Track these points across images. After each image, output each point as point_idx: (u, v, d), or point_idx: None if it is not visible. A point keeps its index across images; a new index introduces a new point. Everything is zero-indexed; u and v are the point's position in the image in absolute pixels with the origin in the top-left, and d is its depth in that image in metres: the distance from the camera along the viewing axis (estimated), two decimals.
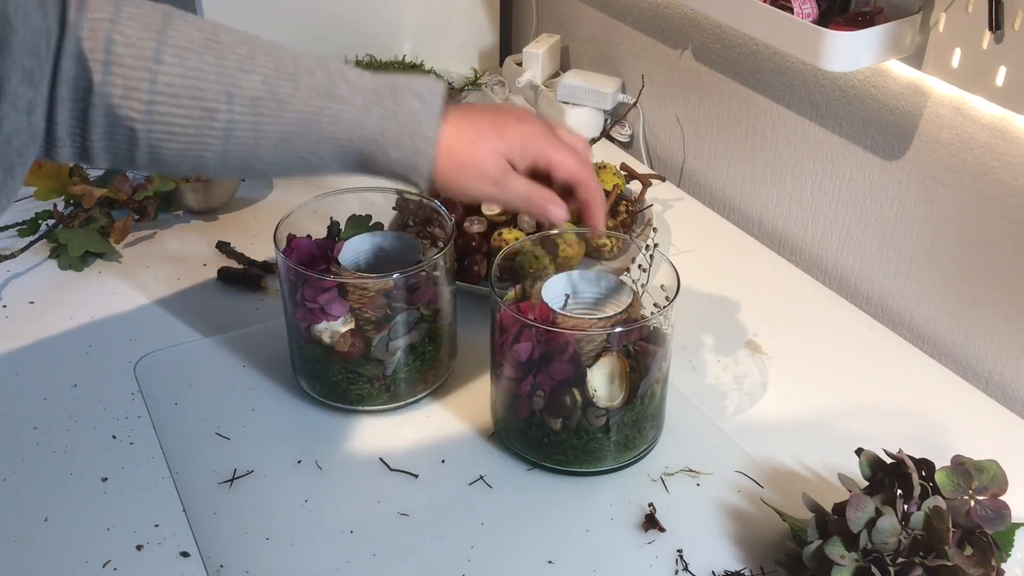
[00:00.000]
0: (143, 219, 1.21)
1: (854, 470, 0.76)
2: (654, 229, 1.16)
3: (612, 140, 1.47)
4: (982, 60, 0.89)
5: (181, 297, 1.09)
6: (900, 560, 0.70)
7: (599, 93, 1.43)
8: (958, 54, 0.91)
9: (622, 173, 1.23)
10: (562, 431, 0.84)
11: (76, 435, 0.90)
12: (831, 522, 0.73)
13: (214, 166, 0.72)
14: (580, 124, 1.45)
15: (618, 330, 0.83)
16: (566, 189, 0.79)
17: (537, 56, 1.51)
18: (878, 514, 0.70)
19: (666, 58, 1.37)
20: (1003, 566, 0.72)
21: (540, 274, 0.89)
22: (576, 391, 0.83)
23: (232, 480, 0.86)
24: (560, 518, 0.83)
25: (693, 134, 1.36)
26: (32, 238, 1.16)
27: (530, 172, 0.78)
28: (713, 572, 0.78)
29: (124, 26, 0.67)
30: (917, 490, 0.72)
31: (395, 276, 0.88)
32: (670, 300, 0.84)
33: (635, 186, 1.24)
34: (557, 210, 0.78)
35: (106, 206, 1.19)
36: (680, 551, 0.80)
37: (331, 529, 0.81)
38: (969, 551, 0.71)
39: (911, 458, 0.74)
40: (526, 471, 0.88)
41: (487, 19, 1.62)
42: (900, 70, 1.02)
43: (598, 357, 0.83)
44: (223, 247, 1.17)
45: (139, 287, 1.11)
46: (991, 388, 1.01)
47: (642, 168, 1.37)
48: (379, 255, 0.96)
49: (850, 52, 0.94)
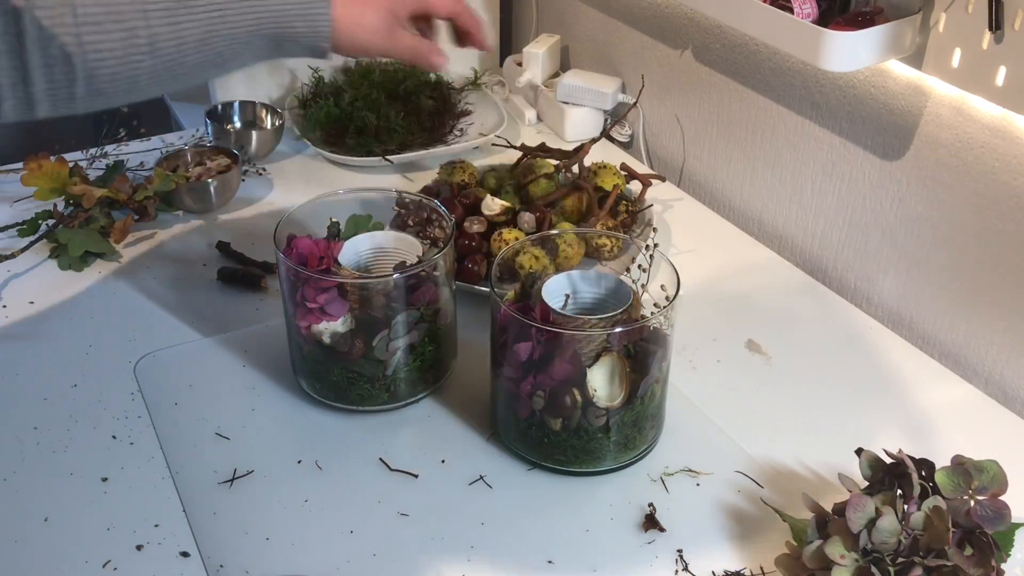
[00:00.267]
0: (143, 219, 1.21)
1: (854, 470, 0.76)
2: (654, 229, 1.16)
3: (612, 140, 1.47)
4: (982, 60, 0.89)
5: (181, 297, 1.09)
6: (900, 560, 0.70)
7: (599, 93, 1.43)
8: (958, 54, 0.91)
9: (622, 173, 1.23)
10: (562, 431, 0.84)
11: (76, 435, 0.90)
12: (831, 522, 0.73)
13: (146, 83, 0.77)
14: (580, 124, 1.45)
15: (618, 330, 0.83)
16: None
17: (537, 56, 1.51)
18: (878, 514, 0.70)
19: (666, 58, 1.37)
20: (1003, 566, 0.72)
21: (540, 274, 0.89)
22: (576, 391, 0.83)
23: (232, 480, 0.86)
24: (560, 518, 0.83)
25: (693, 134, 1.36)
26: (32, 238, 1.15)
27: (412, 19, 0.90)
28: (713, 572, 0.78)
29: None
30: (917, 490, 0.72)
31: (395, 276, 0.88)
32: (670, 300, 0.84)
33: (635, 186, 1.24)
34: (439, 58, 0.90)
35: (106, 206, 1.19)
36: (680, 551, 0.80)
37: (331, 529, 0.81)
38: (969, 551, 0.71)
39: (911, 458, 0.74)
40: (526, 471, 0.88)
41: (487, 19, 1.62)
42: (900, 70, 1.02)
43: (598, 357, 0.83)
44: (223, 247, 1.17)
45: (139, 287, 1.11)
46: (991, 388, 1.01)
47: (642, 168, 1.37)
48: (379, 255, 0.96)
49: (850, 52, 0.94)
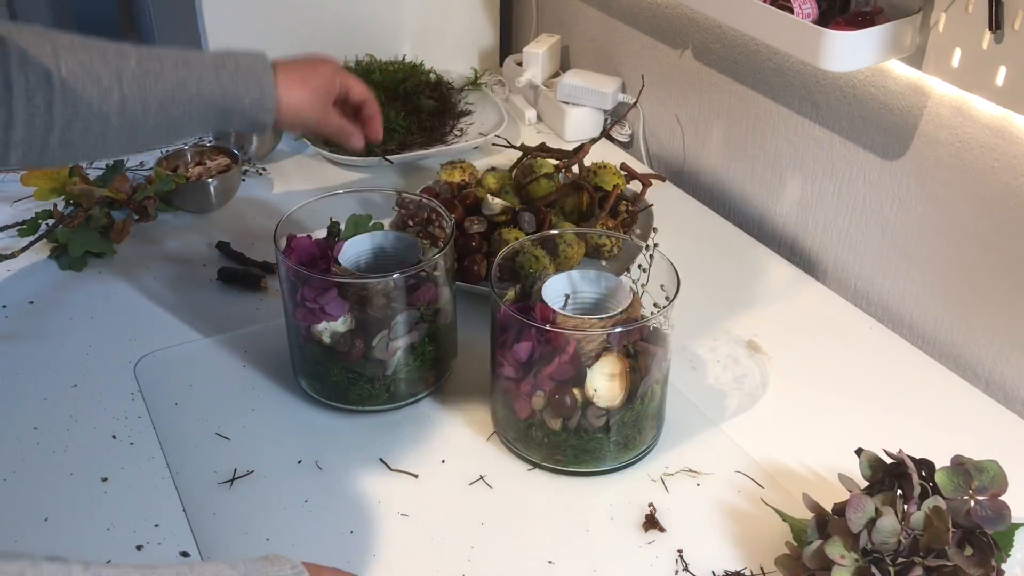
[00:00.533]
0: (143, 219, 1.21)
1: (854, 470, 0.76)
2: (654, 229, 1.16)
3: (612, 140, 1.47)
4: (982, 60, 0.89)
5: (181, 297, 1.09)
6: (900, 560, 0.70)
7: (599, 93, 1.43)
8: (958, 54, 0.91)
9: (622, 173, 1.23)
10: (562, 431, 0.84)
11: (76, 435, 0.90)
12: (831, 522, 0.73)
13: (112, 139, 0.86)
14: (580, 124, 1.45)
15: (618, 330, 0.83)
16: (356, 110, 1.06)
17: (537, 56, 1.51)
18: (878, 514, 0.70)
19: (666, 58, 1.37)
20: (1003, 566, 0.72)
21: (540, 274, 0.89)
22: (576, 391, 0.83)
23: (232, 480, 0.86)
24: (560, 518, 0.83)
25: (693, 134, 1.36)
26: (32, 238, 1.15)
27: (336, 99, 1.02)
28: (713, 572, 0.78)
29: (21, 34, 0.81)
30: (917, 490, 0.72)
31: (395, 276, 0.88)
32: (670, 300, 0.84)
33: (635, 186, 1.24)
34: (358, 141, 1.05)
35: (106, 206, 1.18)
36: (680, 551, 0.80)
37: (331, 529, 0.81)
38: (969, 551, 0.71)
39: (911, 458, 0.74)
40: (526, 471, 0.88)
41: (487, 19, 1.62)
42: (900, 70, 1.02)
43: (598, 357, 0.83)
44: (223, 247, 1.17)
45: (139, 287, 1.11)
46: (991, 388, 1.01)
47: (642, 168, 1.37)
48: (379, 255, 0.96)
49: (850, 52, 0.94)
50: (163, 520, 0.81)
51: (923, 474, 0.73)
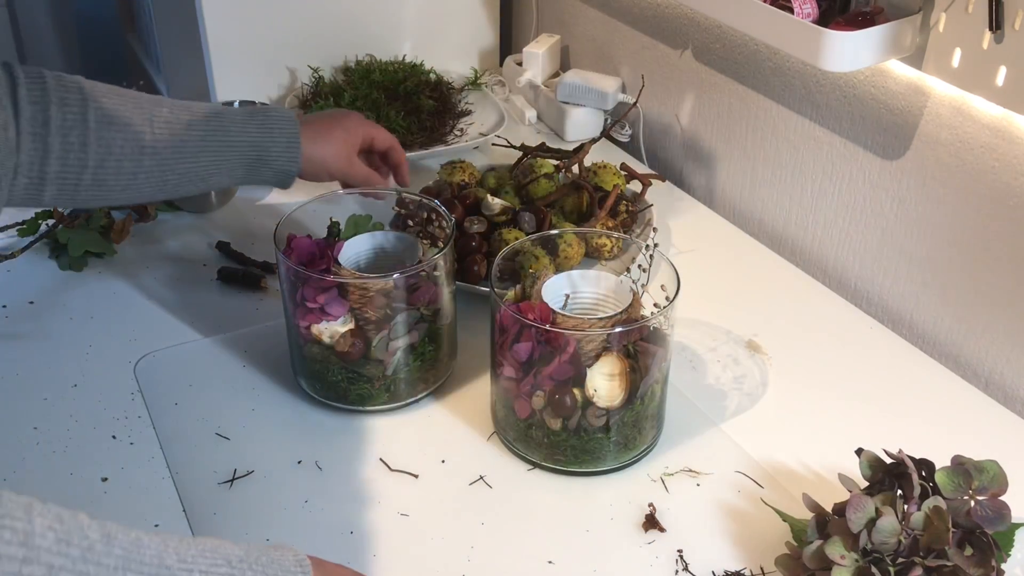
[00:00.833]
0: (143, 219, 1.21)
1: (854, 470, 0.76)
2: (654, 229, 1.16)
3: (612, 140, 1.47)
4: (982, 60, 0.89)
5: (181, 297, 1.09)
6: (900, 560, 0.70)
7: (599, 93, 1.43)
8: (958, 54, 0.91)
9: (622, 173, 1.23)
10: (562, 431, 0.84)
11: (76, 435, 0.90)
12: (831, 522, 0.73)
13: (143, 181, 0.88)
14: (580, 124, 1.45)
15: (618, 330, 0.83)
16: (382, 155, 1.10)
17: (537, 56, 1.51)
18: (878, 514, 0.70)
19: (666, 58, 1.37)
20: (1003, 566, 0.72)
21: (540, 274, 0.89)
22: (576, 391, 0.83)
23: (232, 480, 0.86)
24: (560, 518, 0.83)
25: (693, 134, 1.36)
26: (32, 238, 1.15)
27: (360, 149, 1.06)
28: (713, 572, 0.78)
29: (61, 80, 0.83)
30: (917, 490, 0.72)
31: (395, 276, 0.88)
32: (670, 300, 0.84)
33: (635, 186, 1.24)
34: (382, 184, 1.07)
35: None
36: (680, 551, 0.80)
37: (331, 529, 0.81)
38: (969, 551, 0.71)
39: (911, 458, 0.74)
40: (526, 471, 0.88)
41: (487, 19, 1.62)
42: (900, 70, 1.02)
43: (598, 357, 0.83)
44: (223, 247, 1.17)
45: (139, 287, 1.11)
46: (991, 388, 1.01)
47: (642, 168, 1.37)
48: (379, 255, 0.96)
49: (850, 52, 0.94)
50: (163, 520, 0.81)
51: (923, 474, 0.73)
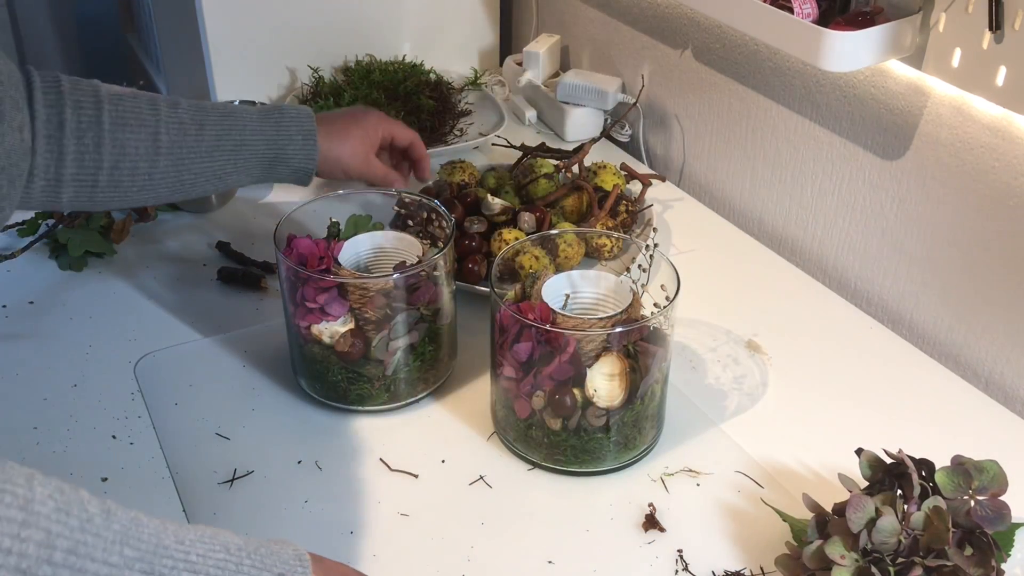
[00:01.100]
0: (143, 219, 1.21)
1: (854, 470, 0.76)
2: (654, 229, 1.16)
3: (612, 140, 1.47)
4: (982, 60, 0.89)
5: (181, 297, 1.09)
6: (900, 560, 0.70)
7: (599, 93, 1.43)
8: (958, 54, 0.91)
9: (622, 173, 1.23)
10: (562, 431, 0.84)
11: (76, 435, 0.90)
12: (831, 522, 0.73)
13: (157, 182, 0.88)
14: (580, 124, 1.45)
15: (618, 330, 0.83)
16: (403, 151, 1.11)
17: (537, 56, 1.51)
18: (878, 514, 0.70)
19: (666, 58, 1.37)
20: (1003, 566, 0.72)
21: (540, 274, 0.89)
22: (576, 391, 0.83)
23: (232, 480, 0.86)
24: (560, 518, 0.83)
25: (693, 134, 1.36)
26: (32, 238, 1.16)
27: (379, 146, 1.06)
28: (713, 572, 0.78)
29: (77, 83, 0.83)
30: (917, 490, 0.72)
31: (395, 276, 0.88)
32: (670, 300, 0.84)
33: (635, 186, 1.24)
34: (401, 184, 1.08)
35: None
36: (680, 551, 0.80)
37: (331, 529, 0.81)
38: (969, 551, 0.71)
39: (911, 458, 0.74)
40: (526, 471, 0.88)
41: (487, 19, 1.62)
42: (900, 70, 1.02)
43: (598, 357, 0.83)
44: (223, 247, 1.17)
45: (139, 287, 1.11)
46: (991, 388, 1.01)
47: (642, 168, 1.37)
48: (379, 255, 0.96)
49: (850, 52, 0.94)
50: None
51: (923, 474, 0.73)
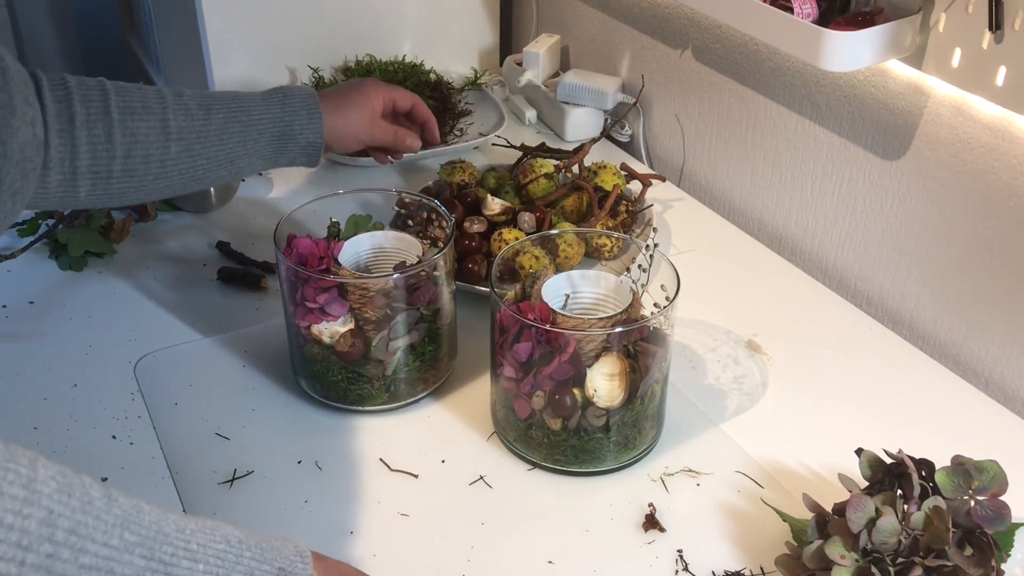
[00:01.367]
0: (143, 219, 1.21)
1: (854, 470, 0.76)
2: (654, 229, 1.16)
3: (612, 140, 1.47)
4: (982, 60, 0.89)
5: (181, 297, 1.09)
6: (900, 560, 0.70)
7: (599, 93, 1.43)
8: (958, 54, 0.91)
9: (622, 173, 1.23)
10: (562, 431, 0.84)
11: (76, 435, 0.90)
12: (831, 522, 0.73)
13: (171, 169, 0.89)
14: (580, 124, 1.45)
15: (618, 330, 0.83)
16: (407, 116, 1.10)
17: (537, 56, 1.51)
18: (878, 514, 0.70)
19: (666, 58, 1.37)
20: (1003, 566, 0.72)
21: (540, 274, 0.89)
22: (576, 391, 0.83)
23: (232, 480, 0.86)
24: (560, 518, 0.83)
25: (693, 134, 1.36)
26: (32, 238, 1.16)
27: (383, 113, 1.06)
28: (713, 572, 0.78)
29: (83, 80, 0.85)
30: (917, 490, 0.72)
31: (395, 276, 0.88)
32: (670, 300, 0.84)
33: (635, 186, 1.24)
34: (414, 140, 1.08)
35: None
36: (680, 551, 0.80)
37: (331, 529, 0.81)
38: (969, 551, 0.71)
39: (911, 458, 0.74)
40: (526, 471, 0.88)
41: (487, 19, 1.62)
42: (900, 70, 1.02)
43: (598, 357, 0.83)
44: (223, 247, 1.17)
45: (139, 287, 1.11)
46: (991, 388, 1.01)
47: (642, 168, 1.37)
48: (379, 255, 0.96)
49: (850, 52, 0.94)
50: None
51: (923, 474, 0.73)
